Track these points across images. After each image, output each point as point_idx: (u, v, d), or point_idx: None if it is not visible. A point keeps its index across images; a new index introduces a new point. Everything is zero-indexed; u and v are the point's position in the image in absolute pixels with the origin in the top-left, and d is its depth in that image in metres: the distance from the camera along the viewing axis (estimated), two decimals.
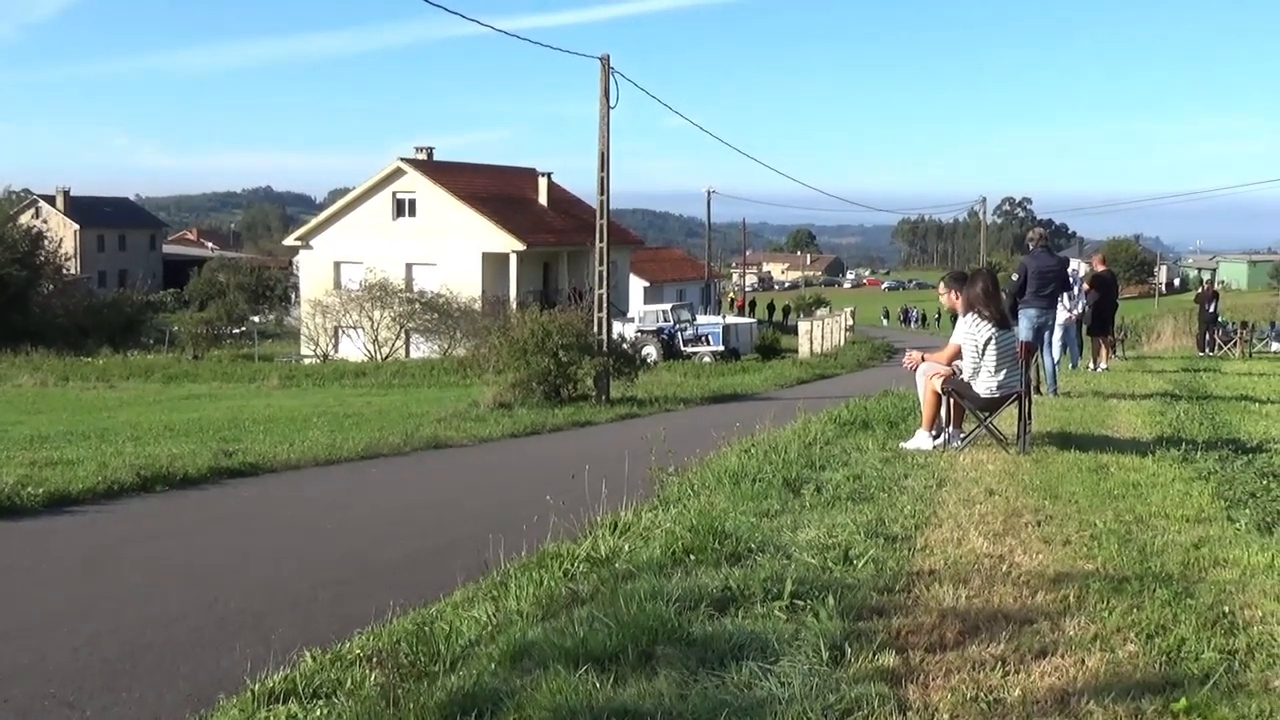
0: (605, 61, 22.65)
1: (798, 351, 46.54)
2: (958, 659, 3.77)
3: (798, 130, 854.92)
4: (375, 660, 4.30)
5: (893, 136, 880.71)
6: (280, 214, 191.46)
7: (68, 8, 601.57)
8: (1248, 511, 6.15)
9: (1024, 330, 12.52)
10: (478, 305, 42.90)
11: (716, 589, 4.56)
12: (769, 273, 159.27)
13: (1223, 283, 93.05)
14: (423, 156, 49.42)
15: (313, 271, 49.34)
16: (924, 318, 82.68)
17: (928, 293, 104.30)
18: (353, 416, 20.09)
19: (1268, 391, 15.05)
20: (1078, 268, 17.20)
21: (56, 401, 27.28)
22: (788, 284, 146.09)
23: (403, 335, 44.39)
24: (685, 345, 42.37)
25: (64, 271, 59.55)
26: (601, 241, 24.00)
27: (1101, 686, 3.51)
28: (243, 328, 58.77)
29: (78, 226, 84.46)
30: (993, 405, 8.50)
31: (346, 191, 53.31)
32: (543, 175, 53.33)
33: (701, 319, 47.12)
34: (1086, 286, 18.19)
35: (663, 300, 52.36)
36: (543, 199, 52.32)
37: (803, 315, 64.80)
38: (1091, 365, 18.80)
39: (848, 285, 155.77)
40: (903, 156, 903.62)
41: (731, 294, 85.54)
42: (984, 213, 71.71)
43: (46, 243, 57.05)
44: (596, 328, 23.42)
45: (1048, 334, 13.44)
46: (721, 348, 42.32)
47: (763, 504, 6.46)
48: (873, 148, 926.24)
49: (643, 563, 5.14)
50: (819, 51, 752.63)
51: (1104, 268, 19.62)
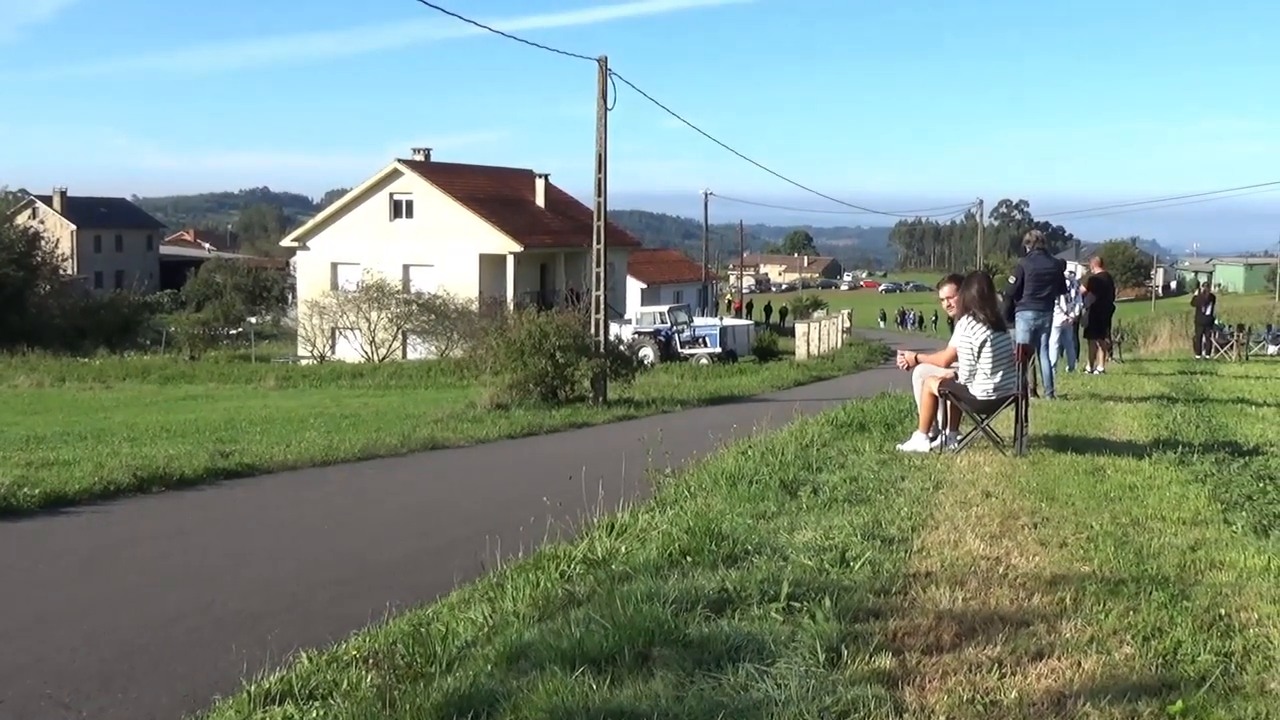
0: (603, 63, 22.64)
1: (795, 353, 46.53)
2: (954, 661, 3.78)
3: (795, 132, 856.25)
4: (372, 661, 4.30)
5: (890, 138, 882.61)
6: (277, 215, 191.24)
7: (65, 8, 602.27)
8: (1244, 514, 6.16)
9: (1021, 333, 12.54)
10: (475, 306, 42.85)
11: (713, 590, 4.56)
12: (766, 274, 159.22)
13: (1219, 285, 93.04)
14: (420, 158, 49.41)
15: (310, 272, 49.31)
16: (921, 320, 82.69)
17: (925, 295, 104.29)
18: (350, 417, 20.06)
19: (1264, 394, 15.06)
20: (1075, 270, 17.25)
21: (53, 402, 27.24)
22: (785, 286, 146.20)
23: (400, 336, 44.36)
24: (682, 347, 42.34)
25: (60, 272, 59.52)
26: (599, 243, 23.98)
27: (1098, 689, 3.52)
28: (239, 329, 58.66)
29: (74, 227, 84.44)
30: (989, 407, 8.51)
31: (344, 192, 53.28)
32: (540, 176, 53.35)
33: (698, 321, 47.08)
34: (1083, 289, 18.25)
35: (660, 302, 52.36)
36: (540, 200, 52.32)
37: (800, 317, 64.82)
38: (1088, 367, 18.83)
39: (845, 287, 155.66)
40: (900, 158, 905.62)
41: (729, 296, 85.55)
42: (981, 215, 71.89)
43: (43, 243, 57.01)
44: (593, 329, 23.40)
45: (1045, 336, 13.46)
46: (718, 349, 42.28)
47: (759, 506, 6.46)
48: (870, 149, 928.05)
49: (639, 564, 5.14)
50: (817, 53, 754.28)
51: (1101, 270, 19.65)
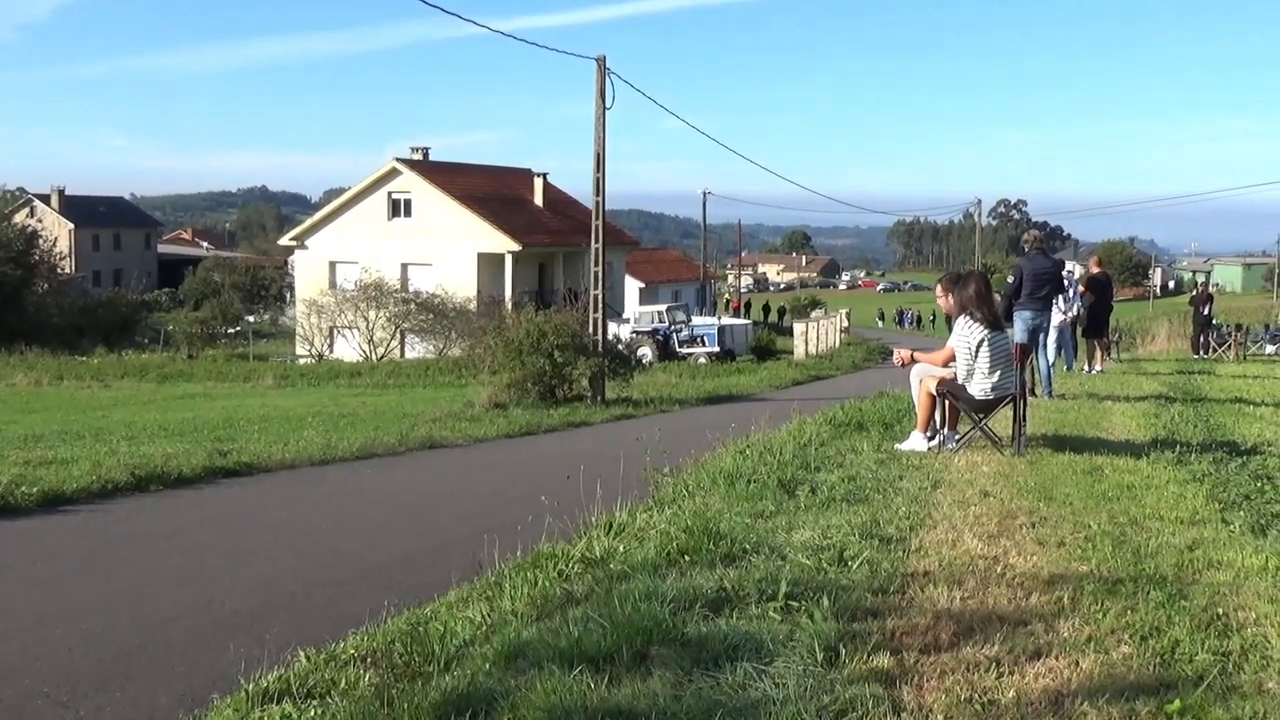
0: (601, 62, 22.63)
1: (793, 353, 46.49)
2: (952, 660, 3.78)
3: (794, 132, 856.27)
4: (370, 660, 4.30)
5: (889, 138, 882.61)
6: (275, 214, 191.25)
7: (62, 8, 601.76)
8: (1242, 514, 6.16)
9: (1019, 332, 12.56)
10: (473, 306, 42.83)
11: (711, 590, 4.56)
12: (764, 274, 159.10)
13: (1217, 285, 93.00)
14: (418, 157, 49.38)
15: (308, 271, 49.28)
16: (919, 319, 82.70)
17: (923, 294, 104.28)
18: (348, 416, 20.07)
19: (1262, 394, 15.08)
20: (1073, 270, 17.26)
21: (51, 401, 27.23)
22: (783, 285, 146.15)
23: (398, 335, 44.34)
24: (680, 346, 42.33)
25: (59, 271, 59.39)
26: (597, 242, 23.99)
27: (1095, 688, 3.52)
28: (238, 327, 58.67)
29: (73, 226, 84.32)
30: (987, 407, 8.51)
31: (342, 191, 53.23)
32: (538, 176, 53.33)
33: (697, 320, 47.04)
34: (1081, 289, 18.27)
35: (658, 301, 52.31)
36: (538, 199, 52.30)
37: (798, 316, 64.77)
38: (1086, 367, 18.85)
39: (843, 286, 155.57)
40: (898, 158, 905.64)
41: (727, 295, 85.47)
42: (979, 214, 72.02)
43: (41, 242, 56.96)
44: (592, 328, 23.41)
45: (1043, 336, 13.47)
46: (717, 349, 42.27)
47: (758, 505, 6.46)
48: (869, 149, 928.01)
49: (637, 563, 5.14)
50: (817, 53, 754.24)
51: (1099, 270, 19.67)
